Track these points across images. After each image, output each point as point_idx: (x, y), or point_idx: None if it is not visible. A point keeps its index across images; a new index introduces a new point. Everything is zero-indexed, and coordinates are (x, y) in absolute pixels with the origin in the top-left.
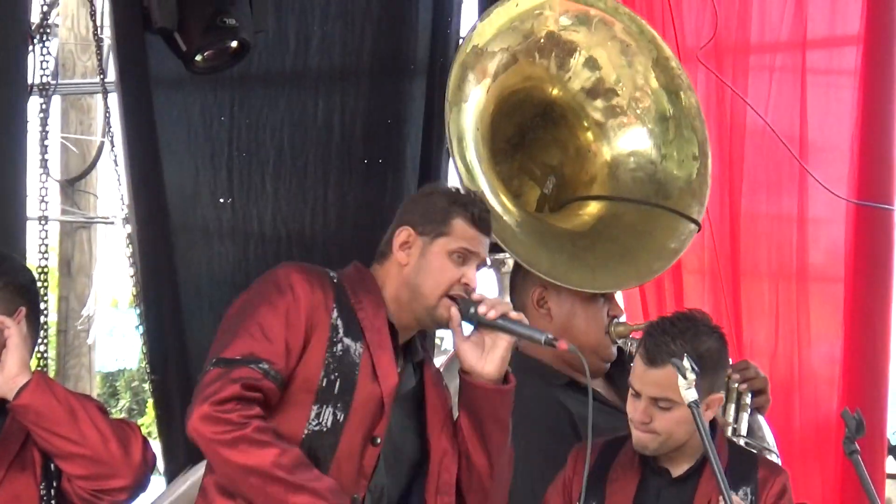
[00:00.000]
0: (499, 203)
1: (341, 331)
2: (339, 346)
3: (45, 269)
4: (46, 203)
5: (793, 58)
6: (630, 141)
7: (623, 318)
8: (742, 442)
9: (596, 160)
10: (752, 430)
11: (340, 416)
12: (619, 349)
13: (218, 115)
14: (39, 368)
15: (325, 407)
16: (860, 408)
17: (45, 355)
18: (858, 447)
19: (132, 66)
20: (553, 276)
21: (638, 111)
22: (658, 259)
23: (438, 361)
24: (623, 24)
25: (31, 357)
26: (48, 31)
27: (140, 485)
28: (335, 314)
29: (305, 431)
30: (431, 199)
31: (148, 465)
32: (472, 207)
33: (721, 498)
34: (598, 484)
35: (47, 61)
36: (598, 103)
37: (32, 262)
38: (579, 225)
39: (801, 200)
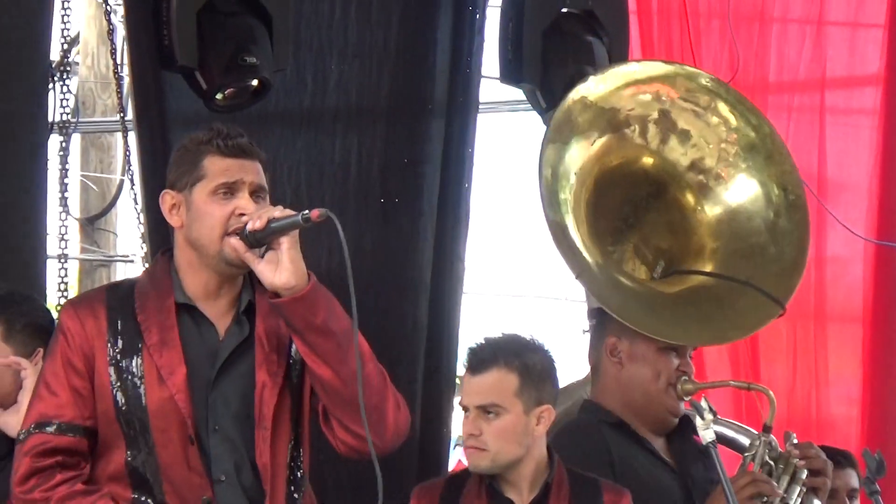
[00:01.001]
0: (581, 241)
1: (118, 351)
2: (120, 367)
3: None
4: (66, 241)
5: (811, 97)
6: (735, 214)
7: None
8: None
9: (703, 234)
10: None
11: (147, 434)
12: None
13: None
14: None
15: (132, 430)
16: (880, 448)
17: None
18: (879, 487)
19: (149, 105)
20: (623, 316)
21: (743, 184)
22: (735, 329)
23: None
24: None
25: None
26: (68, 69)
27: None
28: (108, 336)
29: (127, 461)
30: (180, 152)
31: None
32: (218, 139)
33: None
34: None
35: (67, 99)
36: (699, 176)
37: (52, 300)
38: (672, 287)
39: (820, 240)
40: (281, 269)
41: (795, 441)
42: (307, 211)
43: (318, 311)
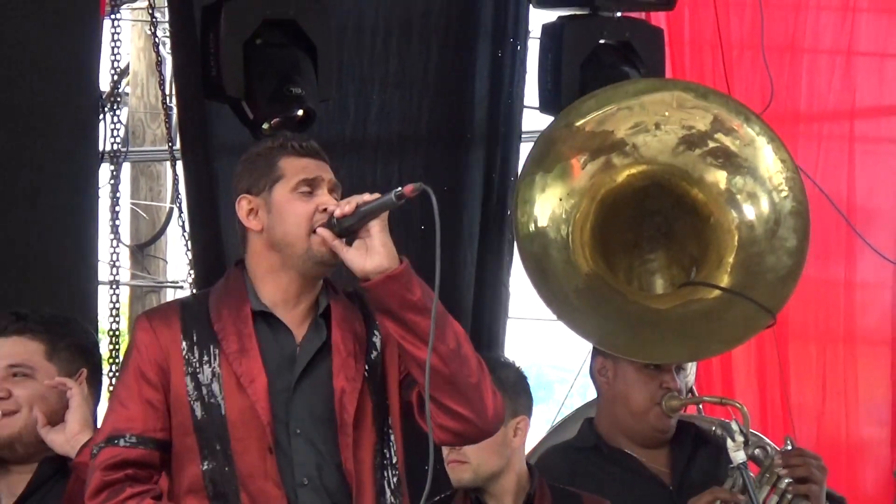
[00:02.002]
0: (568, 262)
1: (195, 360)
2: (197, 377)
3: (117, 332)
4: (117, 268)
5: (841, 126)
6: (743, 229)
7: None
8: None
9: (717, 246)
10: None
11: (225, 444)
12: (693, 431)
13: None
14: None
15: (209, 441)
16: None
17: None
18: None
19: (196, 135)
20: (600, 342)
21: (754, 203)
22: (720, 343)
23: None
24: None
25: (93, 416)
26: (118, 100)
27: None
28: (184, 346)
29: (204, 473)
30: (251, 158)
31: None
32: (290, 141)
33: None
34: None
35: (118, 129)
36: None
37: (104, 325)
38: (667, 303)
39: (849, 265)
40: (373, 252)
41: (789, 447)
42: (399, 188)
43: (414, 289)
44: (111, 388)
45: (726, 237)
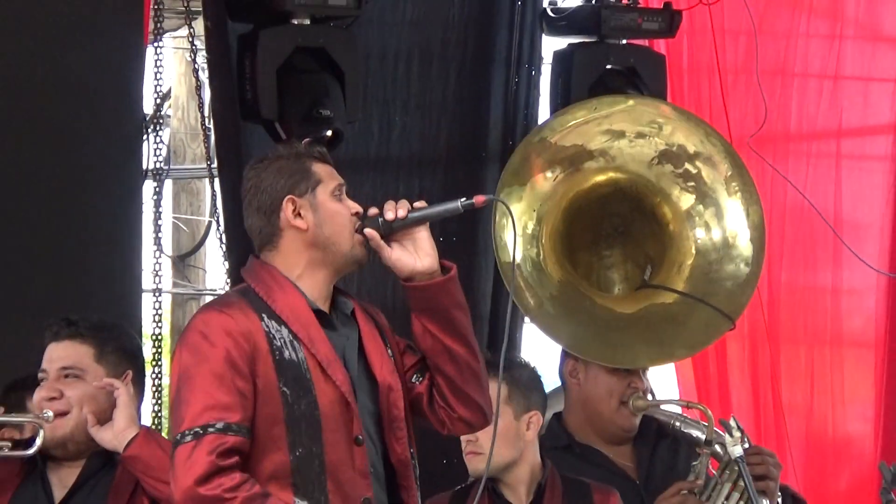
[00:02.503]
0: (542, 270)
1: (278, 348)
2: (284, 365)
3: (160, 337)
4: (160, 277)
5: (828, 145)
6: (702, 236)
7: (646, 393)
8: None
9: (674, 253)
10: None
11: (316, 434)
12: (655, 425)
13: None
14: (154, 426)
15: (299, 431)
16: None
17: (160, 414)
18: (895, 497)
19: (231, 154)
20: (572, 348)
21: (713, 213)
22: (683, 347)
23: None
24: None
25: (138, 414)
26: (161, 121)
27: None
28: (266, 334)
29: (291, 461)
30: (278, 163)
31: None
32: (313, 150)
33: None
34: None
35: (160, 149)
36: (685, 199)
37: (147, 330)
38: (632, 307)
39: (836, 273)
40: (423, 254)
41: (746, 445)
42: (466, 199)
43: (459, 290)
44: (154, 388)
45: (685, 243)
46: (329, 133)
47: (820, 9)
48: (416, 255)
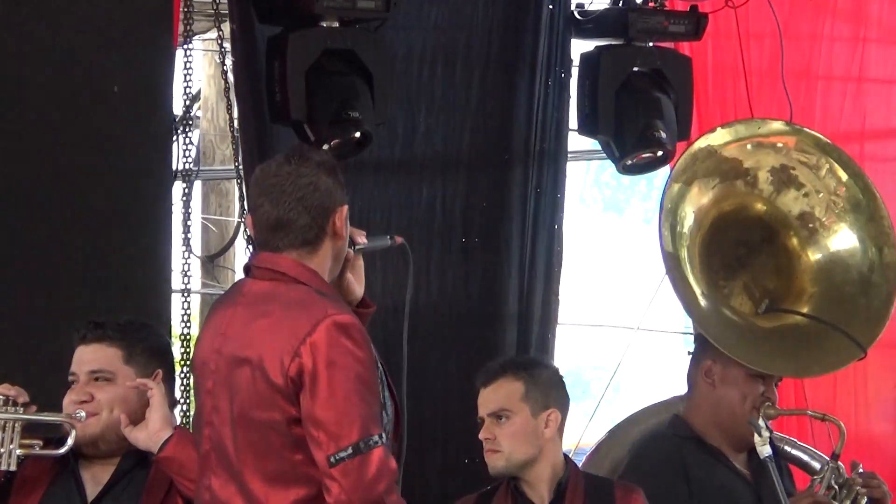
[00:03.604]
0: (692, 272)
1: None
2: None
3: (188, 337)
4: (189, 277)
5: (852, 147)
6: (839, 246)
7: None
8: None
9: (805, 278)
10: None
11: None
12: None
13: None
14: (183, 424)
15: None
16: None
17: (188, 413)
18: None
19: (257, 156)
20: (721, 342)
21: (836, 210)
22: (818, 365)
23: None
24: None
25: (171, 413)
26: (190, 123)
27: None
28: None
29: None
30: (334, 171)
31: None
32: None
33: None
34: None
35: (189, 150)
36: (808, 225)
37: (176, 330)
38: (767, 322)
39: None
40: (361, 282)
41: (861, 470)
42: (391, 237)
43: None
44: (183, 388)
45: (821, 275)
46: (357, 135)
47: (844, 11)
48: (357, 281)
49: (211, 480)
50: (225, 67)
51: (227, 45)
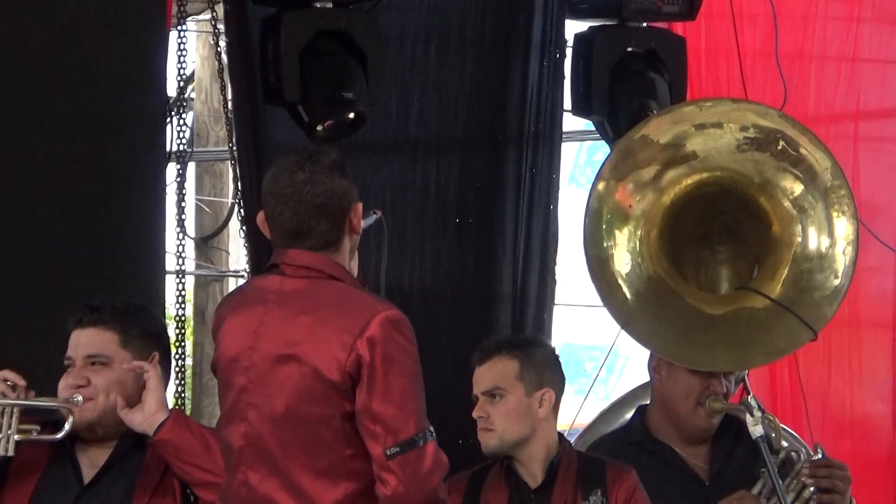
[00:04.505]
0: (632, 265)
1: None
2: None
3: (183, 318)
4: (183, 258)
5: (846, 127)
6: (802, 245)
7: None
8: None
9: (778, 256)
10: None
11: None
12: (735, 426)
13: None
14: (178, 407)
15: None
16: None
17: (183, 395)
18: None
19: (250, 137)
20: (656, 349)
21: (816, 222)
22: (762, 354)
23: None
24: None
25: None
26: (184, 104)
27: None
28: None
29: None
30: (340, 165)
31: None
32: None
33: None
34: (474, 502)
35: (183, 131)
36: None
37: (170, 311)
38: (721, 308)
39: None
40: (355, 262)
41: (819, 456)
42: (374, 211)
43: None
44: (178, 369)
45: (783, 250)
46: (351, 116)
47: None
48: (353, 264)
49: (248, 475)
50: (219, 48)
51: (221, 27)
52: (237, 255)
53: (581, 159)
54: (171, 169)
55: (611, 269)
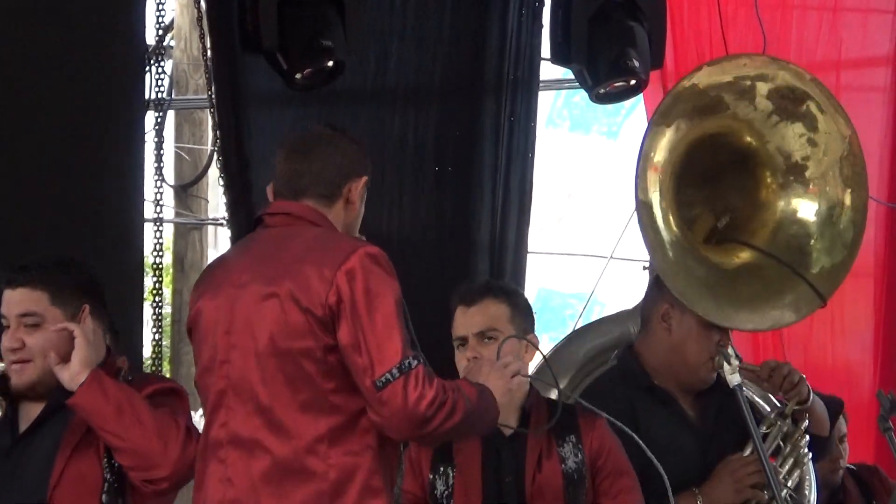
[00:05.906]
0: (662, 219)
1: None
2: None
3: (160, 266)
4: (161, 206)
5: (828, 76)
6: (802, 209)
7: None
8: (784, 492)
9: (767, 214)
10: (800, 486)
11: None
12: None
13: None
14: (155, 355)
15: None
16: (893, 389)
17: (161, 343)
18: (892, 425)
19: (228, 85)
20: (685, 297)
21: (819, 188)
22: (776, 319)
23: None
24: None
25: (102, 348)
26: (163, 52)
27: (181, 476)
28: None
29: None
30: (353, 147)
31: (187, 459)
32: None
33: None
34: (447, 451)
35: (162, 80)
36: (792, 168)
37: (149, 259)
38: (727, 263)
39: None
40: None
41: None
42: None
43: None
44: (155, 317)
45: (787, 214)
46: (330, 64)
47: None
48: None
49: (228, 417)
50: None
51: None
52: (216, 202)
53: (559, 102)
54: (150, 117)
55: (654, 216)
